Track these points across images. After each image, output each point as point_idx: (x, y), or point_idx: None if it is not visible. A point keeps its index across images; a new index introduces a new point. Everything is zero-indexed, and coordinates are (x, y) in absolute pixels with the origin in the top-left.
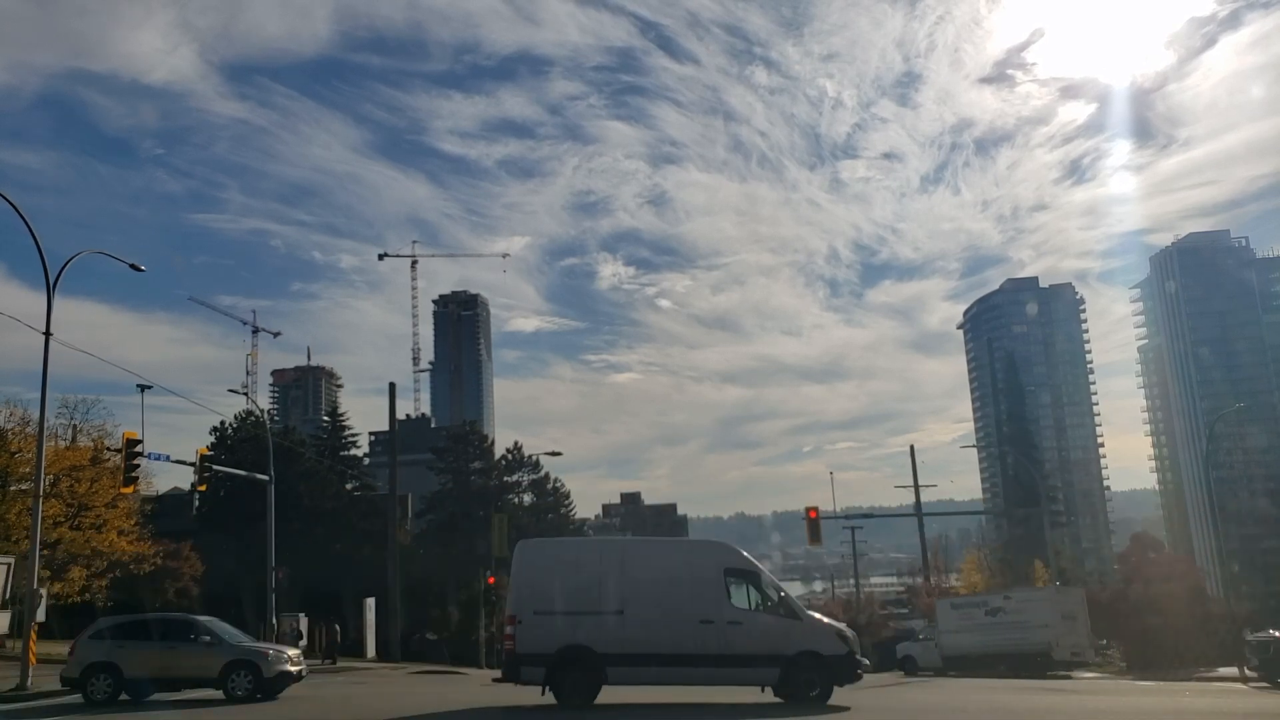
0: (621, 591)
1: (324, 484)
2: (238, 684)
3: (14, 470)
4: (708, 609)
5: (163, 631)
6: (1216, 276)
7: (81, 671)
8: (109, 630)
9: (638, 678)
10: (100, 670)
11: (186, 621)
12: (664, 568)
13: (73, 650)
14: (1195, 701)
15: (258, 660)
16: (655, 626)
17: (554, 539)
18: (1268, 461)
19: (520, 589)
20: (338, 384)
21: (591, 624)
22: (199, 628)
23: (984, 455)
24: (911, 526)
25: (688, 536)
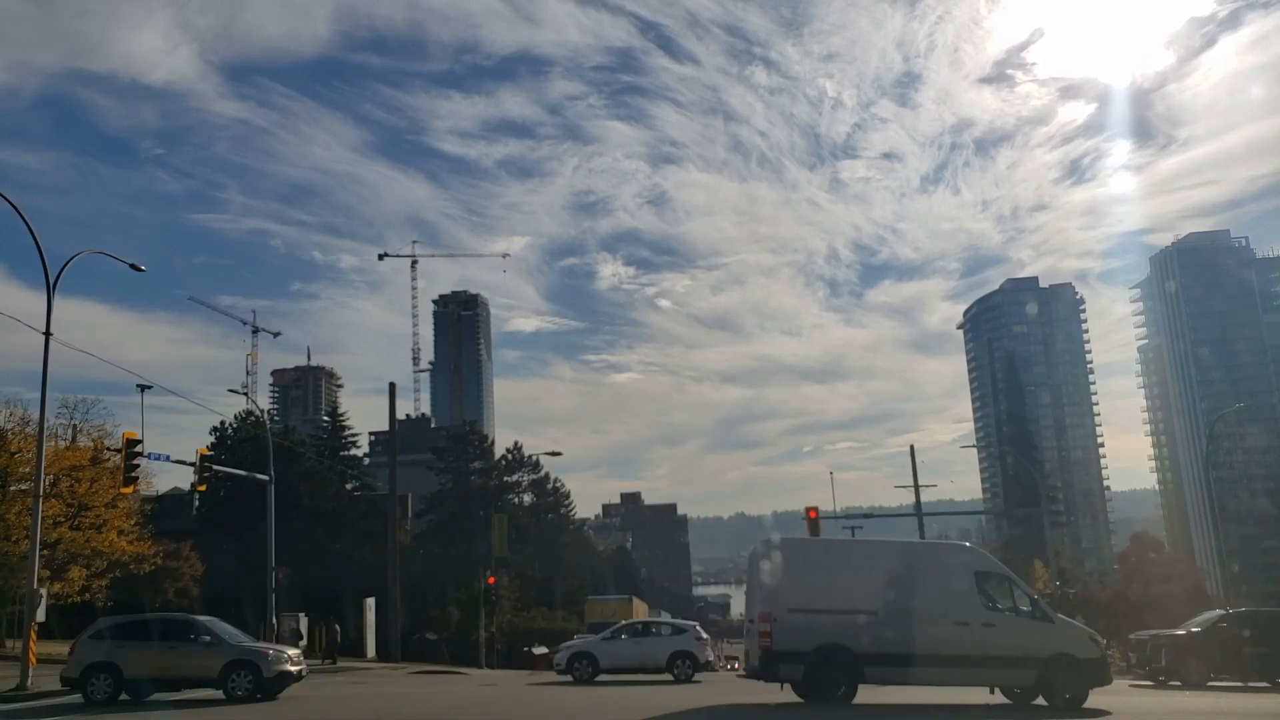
0: (875, 592)
1: (324, 484)
2: (238, 684)
3: (14, 470)
4: (962, 611)
5: (163, 631)
6: (1216, 276)
7: (81, 671)
8: (109, 630)
9: (894, 678)
10: (100, 670)
11: (186, 621)
12: (915, 569)
13: (73, 650)
14: (1196, 701)
15: (257, 660)
16: (910, 627)
17: (803, 539)
18: (1268, 461)
19: (771, 587)
20: (338, 384)
21: (847, 623)
22: (199, 628)
23: (984, 455)
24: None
25: (686, 536)
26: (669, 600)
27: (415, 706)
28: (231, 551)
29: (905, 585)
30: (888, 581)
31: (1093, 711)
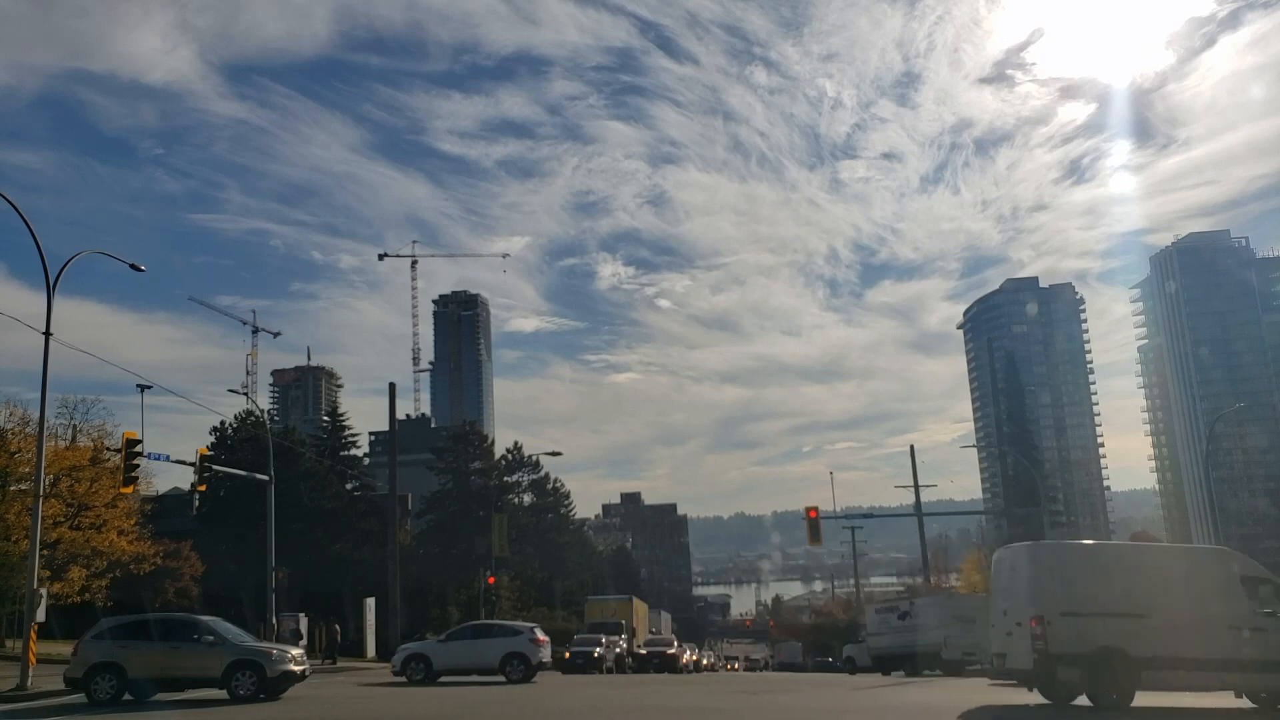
0: (1147, 595)
1: (324, 484)
2: (241, 684)
3: (14, 470)
4: (1233, 615)
5: (166, 632)
6: (1216, 276)
7: (85, 672)
8: (112, 630)
9: (1168, 682)
10: (104, 670)
11: (189, 621)
12: (1181, 573)
13: (76, 650)
14: (1196, 700)
15: (261, 660)
16: (1184, 631)
17: (1062, 542)
18: (1268, 461)
19: (1043, 590)
20: (338, 384)
21: (1123, 627)
22: (202, 628)
23: (984, 455)
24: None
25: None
26: (669, 600)
27: (426, 706)
28: (231, 551)
29: (1175, 589)
30: (1158, 585)
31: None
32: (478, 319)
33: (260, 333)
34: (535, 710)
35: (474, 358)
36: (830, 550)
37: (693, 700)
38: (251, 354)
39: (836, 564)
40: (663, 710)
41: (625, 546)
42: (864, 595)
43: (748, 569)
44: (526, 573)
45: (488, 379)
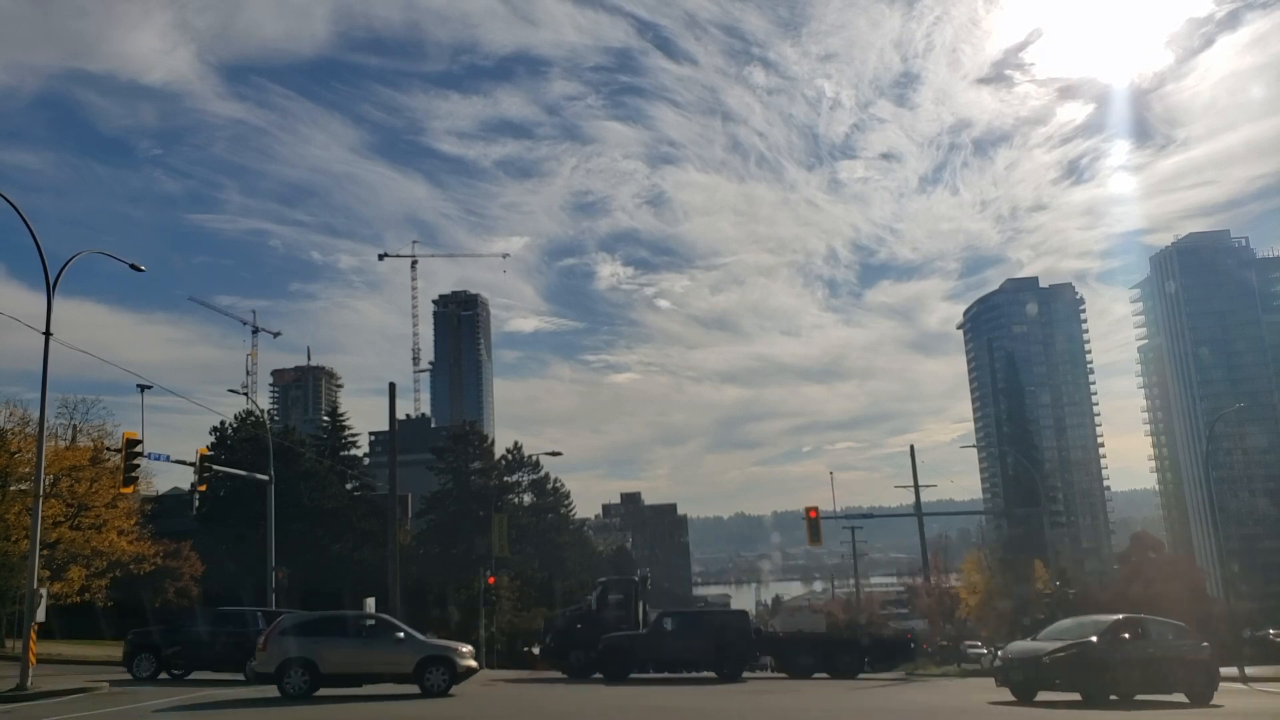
0: None
1: (324, 484)
2: (433, 679)
3: (14, 470)
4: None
5: (355, 628)
6: (1216, 276)
7: (278, 667)
8: (298, 626)
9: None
10: (296, 665)
11: (376, 617)
12: None
13: (265, 645)
14: None
15: (451, 655)
16: None
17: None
18: (1268, 461)
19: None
20: (338, 384)
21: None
22: (389, 624)
23: (984, 455)
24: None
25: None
26: (669, 600)
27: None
28: (231, 551)
29: None
30: None
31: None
32: (477, 319)
33: (260, 333)
34: (535, 711)
35: (474, 358)
36: (830, 550)
37: (692, 700)
38: (251, 354)
39: (836, 564)
40: (662, 710)
41: (625, 546)
42: (864, 595)
43: (748, 569)
44: (526, 573)
45: (488, 379)
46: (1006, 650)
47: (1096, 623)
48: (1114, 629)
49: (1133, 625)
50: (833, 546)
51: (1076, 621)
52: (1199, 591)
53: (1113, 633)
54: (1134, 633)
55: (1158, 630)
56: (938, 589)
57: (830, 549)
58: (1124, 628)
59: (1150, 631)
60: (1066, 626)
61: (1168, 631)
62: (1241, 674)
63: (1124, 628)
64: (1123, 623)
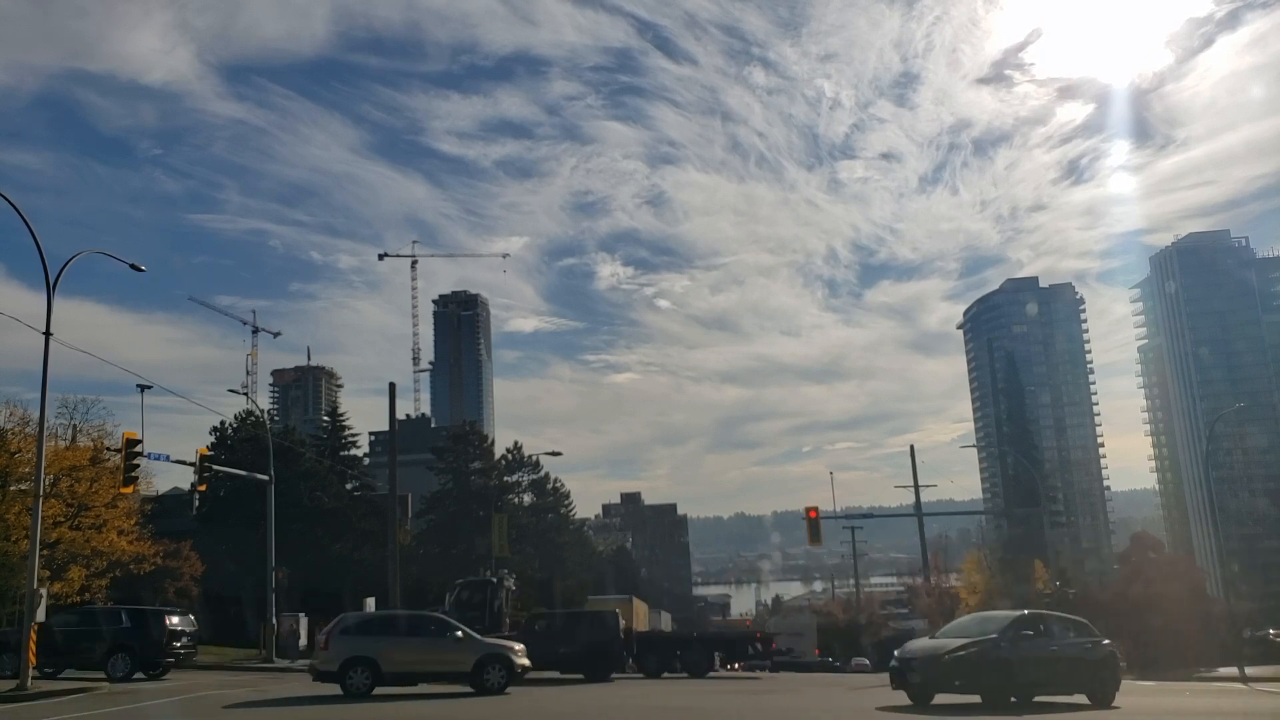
0: None
1: (324, 484)
2: (492, 678)
3: (14, 470)
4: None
5: (415, 627)
6: (1216, 276)
7: (341, 665)
8: (358, 626)
9: None
10: (359, 664)
11: (434, 618)
12: None
13: (327, 644)
14: (1195, 701)
15: (509, 655)
16: None
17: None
18: (1268, 461)
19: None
20: (338, 384)
21: None
22: (448, 624)
23: (984, 455)
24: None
25: (686, 536)
26: (669, 600)
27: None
28: (231, 551)
29: None
30: None
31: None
32: (477, 319)
33: (260, 333)
34: (533, 711)
35: (474, 358)
36: (830, 550)
37: (692, 700)
38: (251, 354)
39: (836, 564)
40: (662, 710)
41: (625, 546)
42: (864, 595)
43: (748, 569)
44: (526, 573)
45: (488, 379)
46: (903, 649)
47: (998, 619)
48: (1016, 626)
49: (1035, 622)
50: (833, 546)
51: (977, 618)
52: (1199, 591)
53: (1015, 629)
54: (1036, 630)
55: (1060, 627)
56: (938, 589)
57: (830, 549)
58: (1026, 624)
59: (1053, 629)
60: (967, 624)
61: (1070, 628)
62: (1241, 674)
63: (1026, 624)
64: (1025, 619)
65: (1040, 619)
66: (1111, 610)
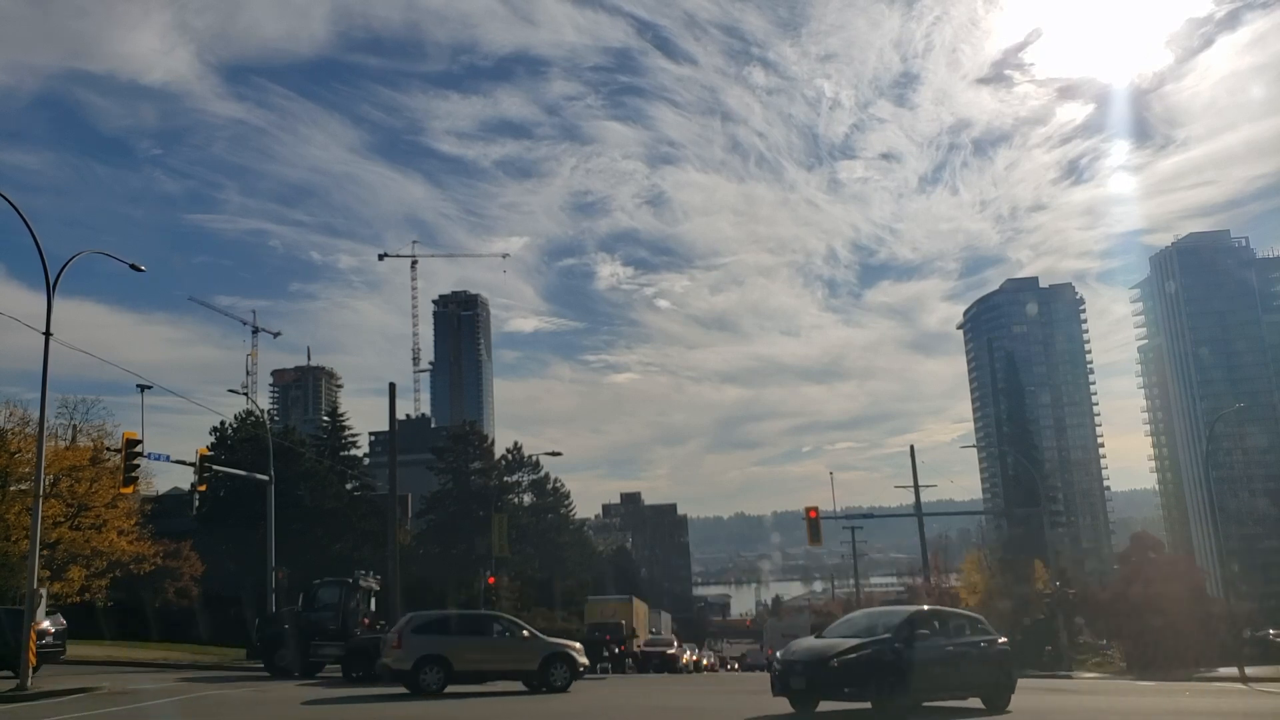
0: None
1: (324, 484)
2: (557, 676)
3: (14, 470)
4: None
5: (484, 627)
6: (1216, 276)
7: (414, 663)
8: (428, 625)
9: None
10: (432, 662)
11: (501, 617)
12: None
13: (399, 643)
14: (1195, 702)
15: (572, 654)
16: None
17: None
18: (1268, 461)
19: None
20: (338, 384)
21: None
22: (515, 623)
23: (984, 455)
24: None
25: (686, 536)
26: (669, 600)
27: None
28: (231, 551)
29: None
30: None
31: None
32: (477, 319)
33: (260, 333)
34: (532, 710)
35: (474, 358)
36: (830, 550)
37: (692, 700)
38: (251, 354)
39: (836, 564)
40: (662, 710)
41: (625, 546)
42: (864, 595)
43: (748, 569)
44: (526, 573)
45: (488, 379)
46: (787, 650)
47: (891, 615)
48: (912, 624)
49: (932, 619)
50: (833, 546)
51: (868, 614)
52: (1199, 591)
53: (911, 628)
54: (933, 628)
55: (957, 624)
56: (938, 589)
57: (830, 549)
58: (923, 622)
59: (950, 626)
60: (857, 621)
61: (965, 625)
62: (1241, 674)
63: (923, 622)
64: (922, 616)
65: (937, 615)
66: (1111, 610)
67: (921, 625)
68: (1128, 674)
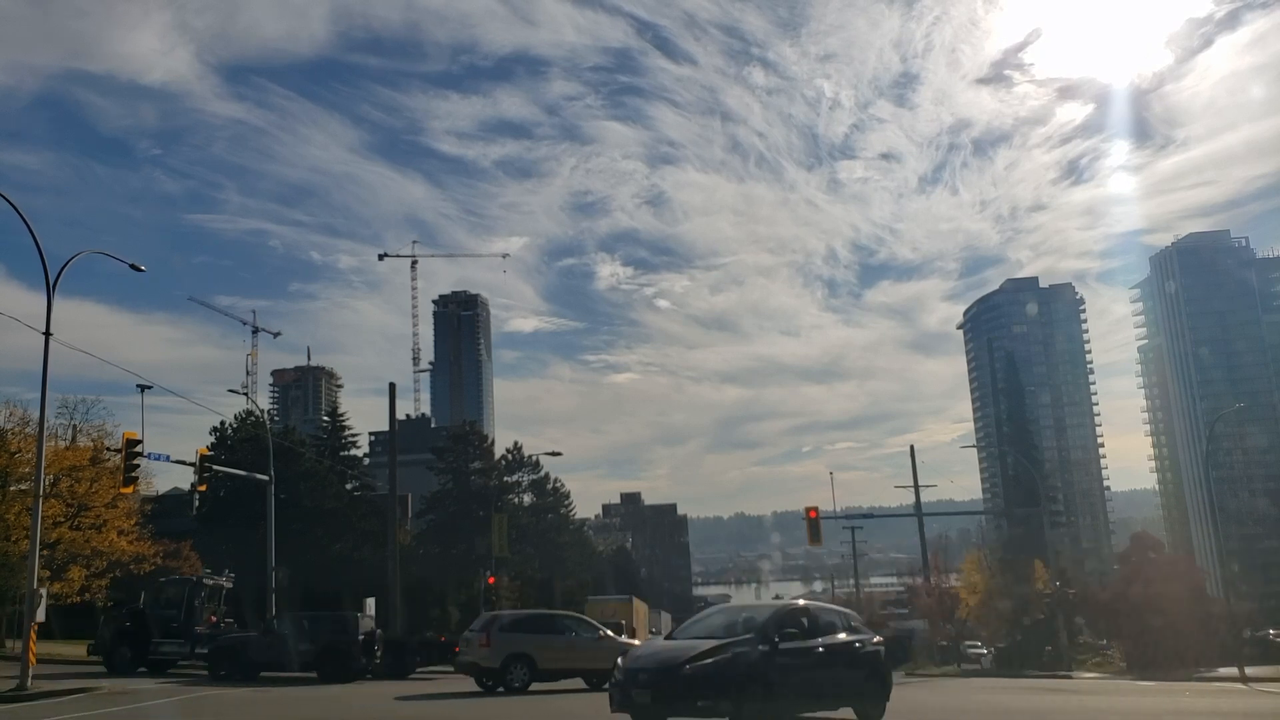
0: None
1: (324, 484)
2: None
3: (14, 470)
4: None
5: (563, 627)
6: (1216, 276)
7: (502, 661)
8: (515, 624)
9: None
10: (518, 660)
11: (578, 618)
12: None
13: (488, 642)
14: (1195, 702)
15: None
16: None
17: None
18: (1268, 461)
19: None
20: (338, 384)
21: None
22: (592, 625)
23: (984, 455)
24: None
25: (686, 536)
26: (669, 600)
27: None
28: (231, 551)
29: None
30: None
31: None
32: (477, 319)
33: (260, 333)
34: (532, 710)
35: (474, 358)
36: (830, 550)
37: None
38: (251, 354)
39: (836, 564)
40: None
41: (625, 546)
42: (864, 595)
43: (748, 569)
44: (526, 573)
45: (488, 379)
46: (630, 657)
47: (755, 613)
48: (778, 622)
49: (801, 616)
50: (833, 546)
51: (726, 611)
52: (1199, 591)
53: (777, 626)
54: (802, 626)
55: (828, 621)
56: (938, 589)
57: (830, 549)
58: (790, 619)
59: (820, 623)
60: (713, 620)
61: (837, 622)
62: (1241, 674)
63: (790, 619)
64: (790, 612)
65: (807, 612)
66: (1111, 610)
67: (789, 624)
68: (1128, 674)
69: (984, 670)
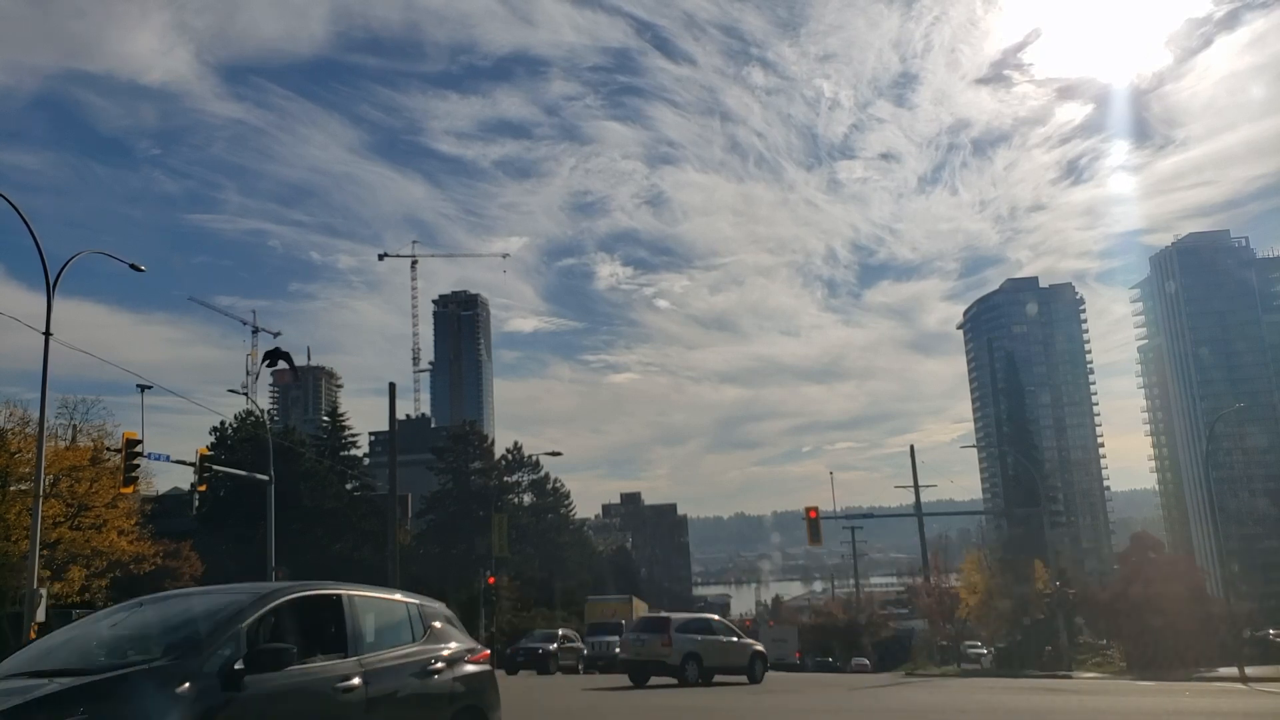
0: None
1: (324, 484)
2: (758, 670)
3: (14, 470)
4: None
5: (716, 629)
6: (1216, 276)
7: (681, 659)
8: (685, 625)
9: None
10: (692, 658)
11: (722, 621)
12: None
13: (669, 642)
14: (1195, 701)
15: (764, 652)
16: None
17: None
18: (1268, 461)
19: None
20: (338, 384)
21: None
22: (731, 627)
23: (984, 455)
24: (911, 526)
25: (686, 536)
26: (669, 600)
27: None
28: (231, 551)
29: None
30: None
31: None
32: (477, 319)
33: (260, 333)
34: (532, 709)
35: (474, 358)
36: (830, 550)
37: (692, 700)
38: (251, 354)
39: (836, 564)
40: (661, 709)
41: (625, 546)
42: (864, 595)
43: (748, 569)
44: (526, 573)
45: (488, 379)
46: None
47: (181, 609)
48: (232, 634)
49: (287, 617)
50: (833, 546)
51: (113, 614)
52: (1199, 591)
53: (233, 644)
54: (281, 635)
55: (385, 624)
56: (938, 589)
57: (830, 549)
58: (257, 629)
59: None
60: (87, 631)
61: (401, 627)
62: (1241, 674)
63: (257, 629)
64: (261, 617)
65: (294, 608)
66: (1111, 610)
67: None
68: (1128, 674)
69: (984, 670)
